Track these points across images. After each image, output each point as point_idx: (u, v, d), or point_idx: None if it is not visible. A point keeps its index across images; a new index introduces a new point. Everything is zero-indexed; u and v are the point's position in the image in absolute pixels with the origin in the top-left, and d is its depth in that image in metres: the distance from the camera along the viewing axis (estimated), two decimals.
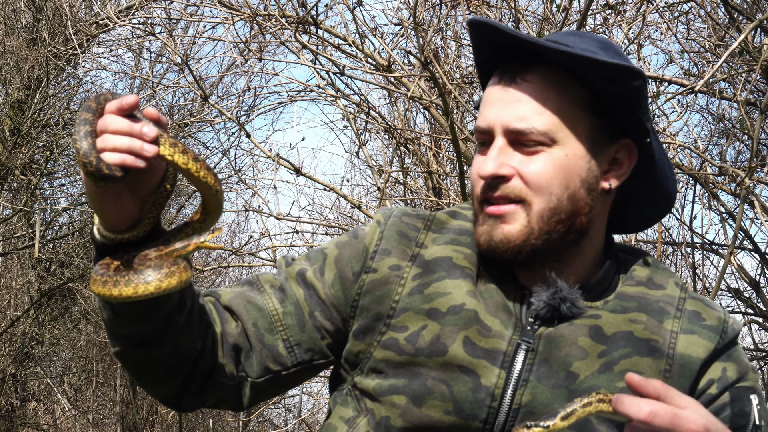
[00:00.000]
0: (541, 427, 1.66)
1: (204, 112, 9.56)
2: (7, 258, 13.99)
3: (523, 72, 1.96)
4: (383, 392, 1.99)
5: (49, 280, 13.87)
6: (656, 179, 2.07)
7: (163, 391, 2.07)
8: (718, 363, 2.00)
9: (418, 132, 6.85)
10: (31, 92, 13.76)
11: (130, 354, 1.99)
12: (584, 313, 1.99)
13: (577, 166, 1.96)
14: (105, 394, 14.45)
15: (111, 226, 1.86)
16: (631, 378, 1.65)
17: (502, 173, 1.94)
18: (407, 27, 6.05)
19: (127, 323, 1.92)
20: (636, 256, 2.13)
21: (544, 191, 1.94)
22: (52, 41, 12.73)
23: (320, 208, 10.62)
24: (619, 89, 1.95)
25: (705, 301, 2.08)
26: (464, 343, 1.95)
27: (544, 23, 5.90)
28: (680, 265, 6.40)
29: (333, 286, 2.09)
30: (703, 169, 5.88)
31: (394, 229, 2.09)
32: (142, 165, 1.74)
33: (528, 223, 1.95)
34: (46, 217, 14.60)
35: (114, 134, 1.73)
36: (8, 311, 13.72)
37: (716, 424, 1.66)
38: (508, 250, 1.96)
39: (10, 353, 13.53)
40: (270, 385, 2.12)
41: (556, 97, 1.95)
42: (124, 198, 1.83)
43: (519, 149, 1.95)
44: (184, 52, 8.33)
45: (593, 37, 2.04)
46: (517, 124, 1.94)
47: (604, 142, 1.99)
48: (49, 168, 14.24)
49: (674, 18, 6.00)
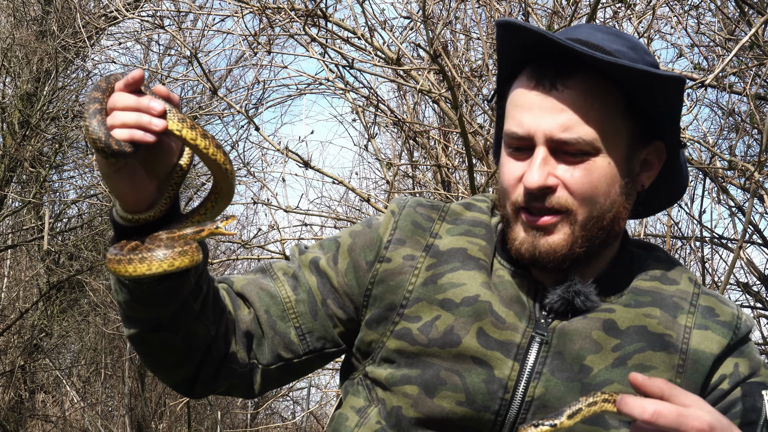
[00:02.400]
0: (548, 425, 1.66)
1: (213, 105, 9.56)
2: (17, 250, 14.04)
3: (563, 77, 1.92)
4: (395, 382, 1.99)
5: (57, 272, 13.91)
6: (678, 175, 2.08)
7: (176, 377, 2.07)
8: (730, 359, 2.00)
9: (427, 125, 6.84)
10: (41, 84, 13.78)
11: (145, 338, 1.99)
12: (598, 307, 1.99)
13: (617, 174, 1.95)
14: (113, 386, 14.48)
15: (129, 206, 1.86)
16: (634, 378, 1.65)
17: (549, 184, 1.92)
18: (416, 20, 6.04)
19: (144, 307, 1.92)
20: (649, 251, 2.13)
21: (588, 201, 1.93)
22: (61, 34, 12.75)
23: (329, 201, 10.63)
24: (664, 98, 1.94)
25: (718, 296, 2.08)
26: (478, 335, 1.95)
27: (553, 16, 5.88)
28: (689, 259, 6.40)
29: (346, 274, 2.09)
30: (713, 163, 5.87)
31: (409, 219, 2.10)
32: (151, 139, 1.75)
33: (572, 232, 1.94)
34: (55, 209, 14.64)
35: (122, 110, 1.75)
36: (17, 303, 13.77)
37: (722, 420, 1.65)
38: (554, 260, 1.96)
39: (19, 345, 13.58)
40: (281, 373, 2.13)
41: (600, 105, 1.92)
42: (140, 177, 1.83)
43: (562, 159, 1.93)
44: (193, 44, 8.33)
45: (621, 36, 2.02)
46: (562, 134, 1.91)
47: (640, 145, 1.99)
48: (58, 160, 14.28)
49: (684, 12, 5.98)
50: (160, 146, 1.81)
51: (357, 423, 2.03)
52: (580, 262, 1.98)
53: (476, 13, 5.97)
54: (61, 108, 14.10)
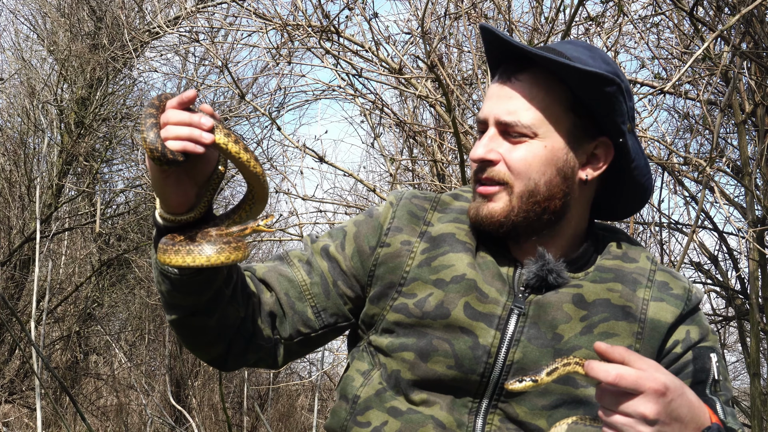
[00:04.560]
0: (530, 381, 1.67)
1: (241, 109, 9.55)
2: (73, 232, 14.06)
3: (518, 72, 1.96)
4: (395, 349, 1.99)
5: (108, 251, 13.93)
6: (632, 176, 2.05)
7: (211, 354, 2.06)
8: (683, 326, 2.00)
9: (425, 126, 6.82)
10: (93, 90, 13.77)
11: (184, 322, 1.98)
12: (568, 282, 1.99)
13: (554, 157, 1.95)
14: (156, 349, 14.50)
15: (171, 209, 1.86)
16: (598, 346, 1.65)
17: (489, 158, 1.96)
18: (416, 35, 6.02)
19: (183, 295, 1.92)
20: (613, 233, 2.13)
21: (523, 176, 1.95)
22: (111, 46, 12.72)
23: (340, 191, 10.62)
24: (594, 93, 1.93)
25: (672, 272, 2.08)
26: (465, 308, 1.95)
27: (534, 33, 5.87)
28: (649, 241, 6.38)
29: (352, 258, 2.09)
30: (670, 159, 5.85)
31: (405, 209, 2.10)
32: (201, 150, 1.76)
33: (509, 202, 1.96)
34: (105, 197, 14.64)
35: (176, 125, 1.75)
36: (73, 278, 13.79)
37: (675, 381, 1.65)
38: (491, 224, 1.97)
39: (74, 314, 13.61)
40: (301, 346, 2.13)
41: (542, 96, 1.94)
42: (184, 183, 1.84)
43: (507, 139, 1.96)
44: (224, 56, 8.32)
45: (586, 47, 2.02)
46: (506, 117, 1.94)
47: (584, 138, 1.98)
48: (108, 155, 14.29)
49: (646, 29, 5.96)
50: (204, 156, 1.82)
51: (362, 383, 2.04)
52: (534, 237, 1.99)
53: (467, 29, 5.95)
54: (111, 110, 14.09)
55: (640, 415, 1.61)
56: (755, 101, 6.55)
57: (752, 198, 6.31)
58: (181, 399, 13.12)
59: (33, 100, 13.60)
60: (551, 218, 1.99)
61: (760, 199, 6.44)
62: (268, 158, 10.18)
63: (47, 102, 13.70)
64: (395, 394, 1.99)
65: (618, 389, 1.62)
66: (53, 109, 13.78)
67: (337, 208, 7.07)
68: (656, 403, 1.61)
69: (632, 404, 1.61)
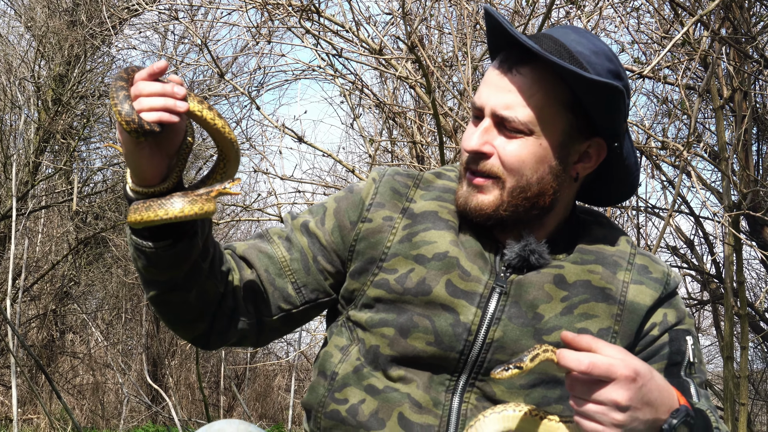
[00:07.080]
0: (516, 368, 1.66)
1: (220, 88, 9.51)
2: (49, 210, 13.96)
3: (520, 64, 1.93)
4: (374, 324, 1.99)
5: (84, 229, 13.85)
6: (620, 174, 2.06)
7: (194, 332, 2.05)
8: (660, 309, 2.01)
9: (405, 107, 6.80)
10: (71, 67, 13.65)
11: (163, 299, 1.97)
12: (549, 263, 2.00)
13: (548, 156, 1.94)
14: (132, 328, 14.47)
15: (146, 181, 1.84)
16: (565, 335, 1.65)
17: (483, 150, 1.94)
18: (397, 16, 5.99)
19: (160, 270, 1.91)
20: (594, 217, 2.13)
21: (516, 172, 1.93)
22: (89, 23, 12.60)
23: (319, 171, 10.61)
24: (599, 100, 1.92)
25: (651, 257, 2.09)
26: (446, 285, 1.95)
27: (514, 15, 5.85)
28: (627, 225, 6.41)
29: (333, 233, 2.08)
30: (648, 143, 5.87)
31: (388, 186, 2.09)
32: (177, 120, 1.75)
33: (500, 196, 1.95)
34: (82, 175, 14.55)
35: (149, 96, 1.74)
36: (50, 256, 13.71)
37: (643, 365, 1.66)
38: (479, 215, 1.97)
39: (51, 292, 13.53)
40: (283, 323, 2.12)
41: (542, 93, 1.91)
42: (156, 155, 1.82)
43: (502, 132, 1.94)
44: (204, 35, 8.26)
45: (588, 38, 1.98)
46: (503, 111, 1.92)
47: (578, 138, 1.97)
48: (85, 133, 14.17)
49: (627, 13, 5.96)
50: (175, 127, 1.80)
51: (340, 359, 2.03)
52: (520, 226, 1.99)
53: (448, 11, 5.94)
54: (89, 88, 13.97)
55: (612, 402, 1.61)
56: (733, 87, 6.58)
57: (728, 183, 6.35)
58: (157, 378, 13.10)
59: (10, 77, 13.46)
60: (539, 212, 1.99)
61: (736, 184, 6.48)
62: (247, 138, 10.13)
63: (24, 79, 13.57)
64: (373, 370, 1.99)
65: (590, 377, 1.62)
66: (30, 86, 13.65)
67: (315, 188, 7.04)
68: (628, 389, 1.62)
69: (604, 392, 1.62)
